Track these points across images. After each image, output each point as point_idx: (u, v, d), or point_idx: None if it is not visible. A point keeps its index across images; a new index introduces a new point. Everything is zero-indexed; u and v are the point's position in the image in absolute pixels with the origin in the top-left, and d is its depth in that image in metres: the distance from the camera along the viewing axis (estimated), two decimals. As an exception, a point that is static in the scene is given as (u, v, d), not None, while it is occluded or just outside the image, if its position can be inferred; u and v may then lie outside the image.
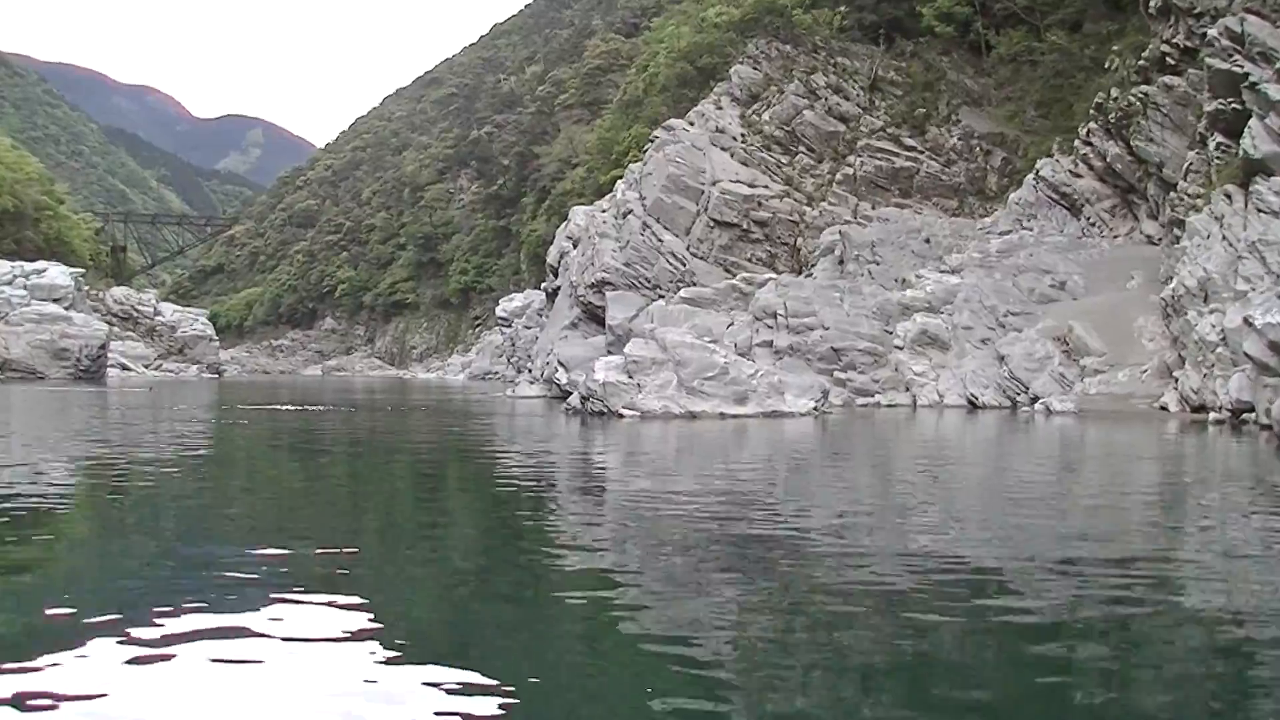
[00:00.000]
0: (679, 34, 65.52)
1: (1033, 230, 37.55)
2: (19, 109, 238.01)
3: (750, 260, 45.08)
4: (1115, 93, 36.49)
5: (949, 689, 4.33)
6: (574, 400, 25.35)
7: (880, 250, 38.77)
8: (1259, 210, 25.73)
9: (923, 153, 49.78)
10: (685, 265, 44.57)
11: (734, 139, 49.44)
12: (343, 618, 5.20)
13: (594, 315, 43.49)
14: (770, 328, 33.39)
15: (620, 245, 45.23)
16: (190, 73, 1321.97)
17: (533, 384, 42.20)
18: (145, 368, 70.02)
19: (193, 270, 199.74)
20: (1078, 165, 38.32)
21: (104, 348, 57.41)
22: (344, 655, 4.60)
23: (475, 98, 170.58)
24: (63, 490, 10.66)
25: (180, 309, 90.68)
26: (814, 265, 41.20)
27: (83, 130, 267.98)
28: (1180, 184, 31.48)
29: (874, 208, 46.48)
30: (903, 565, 6.86)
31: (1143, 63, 35.61)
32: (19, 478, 11.09)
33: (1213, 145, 29.53)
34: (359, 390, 52.94)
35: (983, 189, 48.91)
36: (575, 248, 48.50)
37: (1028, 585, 6.40)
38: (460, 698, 4.09)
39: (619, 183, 51.14)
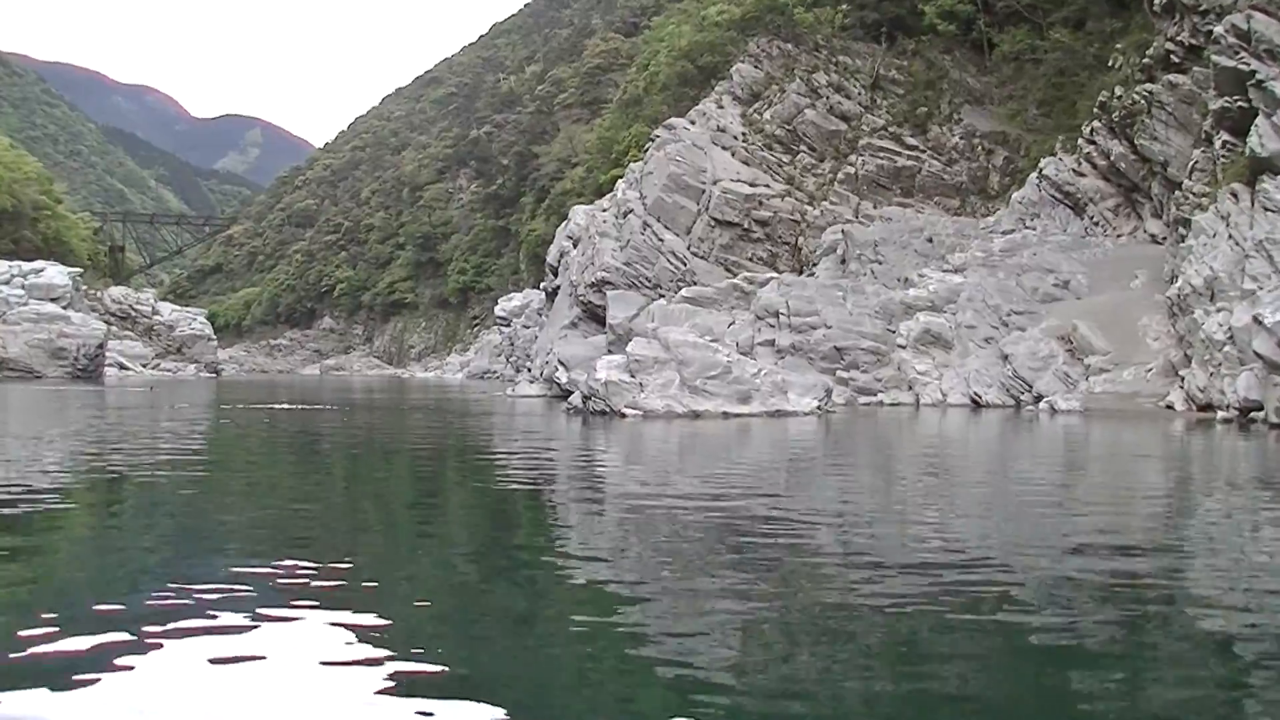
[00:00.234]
0: (680, 33, 65.24)
1: (1036, 229, 37.37)
2: (17, 108, 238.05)
3: (751, 260, 44.90)
4: (1119, 91, 36.30)
5: (952, 691, 4.30)
6: (575, 399, 25.15)
7: (883, 249, 38.59)
8: (1266, 209, 25.53)
9: (924, 152, 49.61)
10: (686, 265, 44.38)
11: (735, 138, 49.26)
12: (339, 619, 5.16)
13: (594, 314, 43.30)
14: (773, 327, 33.17)
15: (621, 244, 45.04)
16: (189, 72, 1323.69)
17: (532, 383, 42.00)
18: (143, 367, 69.85)
19: (191, 270, 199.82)
20: (1081, 164, 38.13)
21: (102, 347, 57.33)
22: (341, 657, 4.55)
23: (474, 97, 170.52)
24: (62, 491, 10.48)
25: (178, 308, 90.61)
26: (816, 264, 41.02)
27: (81, 130, 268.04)
28: (1185, 182, 31.25)
29: (876, 207, 46.33)
30: (906, 566, 6.75)
31: (1147, 61, 35.38)
32: (18, 479, 10.89)
33: (1218, 143, 29.31)
34: (357, 390, 52.77)
35: (985, 188, 48.75)
36: (575, 247, 48.31)
37: (1032, 587, 6.26)
38: (458, 699, 4.05)
39: (619, 182, 50.93)
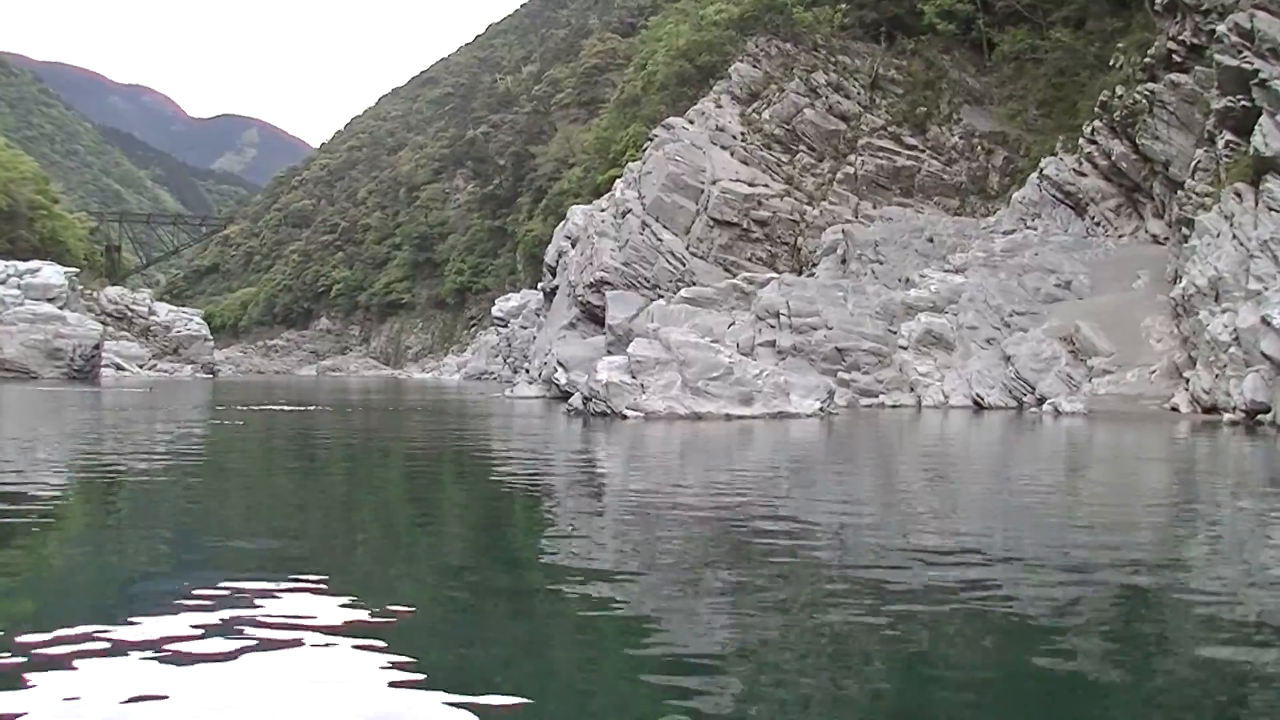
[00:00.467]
0: (678, 32, 65.05)
1: (1037, 229, 37.19)
2: (14, 108, 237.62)
3: (750, 260, 44.72)
4: (1120, 90, 36.12)
5: (954, 694, 4.29)
6: (576, 401, 24.95)
7: (883, 249, 38.41)
8: (1270, 208, 25.38)
9: (924, 152, 49.43)
10: (685, 265, 44.20)
11: (734, 138, 49.06)
12: (336, 620, 5.14)
13: (593, 315, 43.11)
14: (773, 327, 32.98)
15: (619, 245, 44.85)
16: (186, 72, 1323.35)
17: (531, 384, 41.80)
18: (139, 368, 69.60)
19: (187, 270, 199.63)
20: (1082, 164, 37.96)
21: (98, 347, 57.07)
22: (337, 660, 4.53)
23: (471, 97, 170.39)
24: (59, 493, 10.35)
25: (175, 309, 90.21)
26: (816, 264, 40.83)
27: (78, 130, 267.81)
28: (1188, 182, 31.08)
29: (875, 207, 46.15)
30: (908, 571, 6.63)
31: (1148, 60, 35.20)
32: (16, 481, 10.72)
33: (1221, 143, 29.16)
34: (354, 390, 52.58)
35: (984, 188, 48.58)
36: (574, 247, 48.11)
37: (1036, 592, 6.16)
38: (454, 703, 4.00)
39: (618, 182, 50.73)
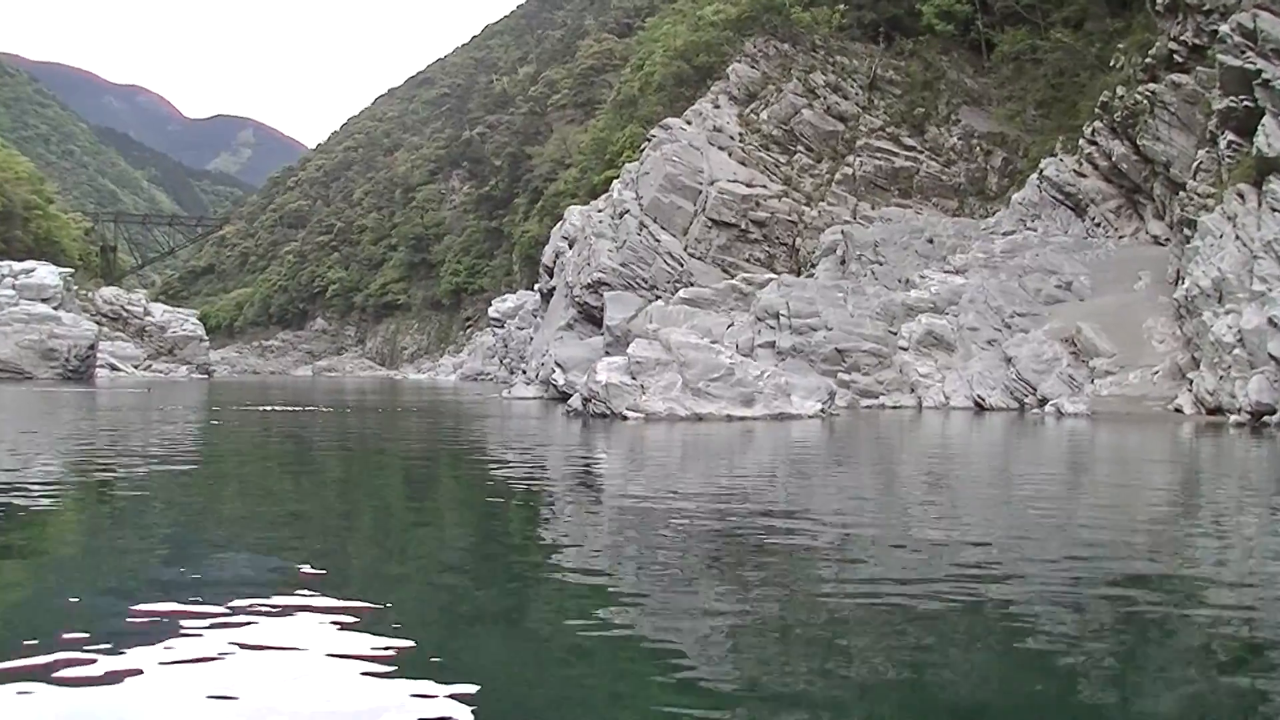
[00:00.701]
0: (675, 33, 64.84)
1: (1037, 230, 37.02)
2: (9, 108, 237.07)
3: (748, 260, 44.58)
4: (1121, 91, 35.97)
5: (953, 698, 4.28)
6: (575, 402, 24.77)
7: (883, 250, 38.24)
8: (1273, 209, 25.23)
9: (922, 152, 49.33)
10: (683, 265, 44.04)
11: (732, 138, 48.91)
12: (332, 621, 5.15)
13: (590, 316, 42.95)
14: (773, 328, 32.81)
15: (617, 245, 44.69)
16: (181, 73, 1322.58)
17: (528, 385, 41.61)
18: (135, 368, 69.32)
19: (183, 270, 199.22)
20: (1082, 165, 37.80)
21: (93, 348, 56.86)
22: (333, 658, 4.54)
23: (467, 98, 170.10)
24: (56, 494, 10.20)
25: (170, 309, 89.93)
26: (815, 265, 40.68)
27: (73, 130, 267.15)
28: (1190, 183, 30.93)
29: (873, 208, 46.03)
30: (909, 574, 6.55)
31: (1149, 60, 35.06)
32: (13, 482, 10.56)
33: (1223, 144, 29.01)
34: (350, 391, 52.39)
35: (983, 189, 48.47)
36: (571, 248, 47.94)
37: (1038, 597, 6.05)
38: (450, 704, 4.02)
39: (615, 182, 50.54)
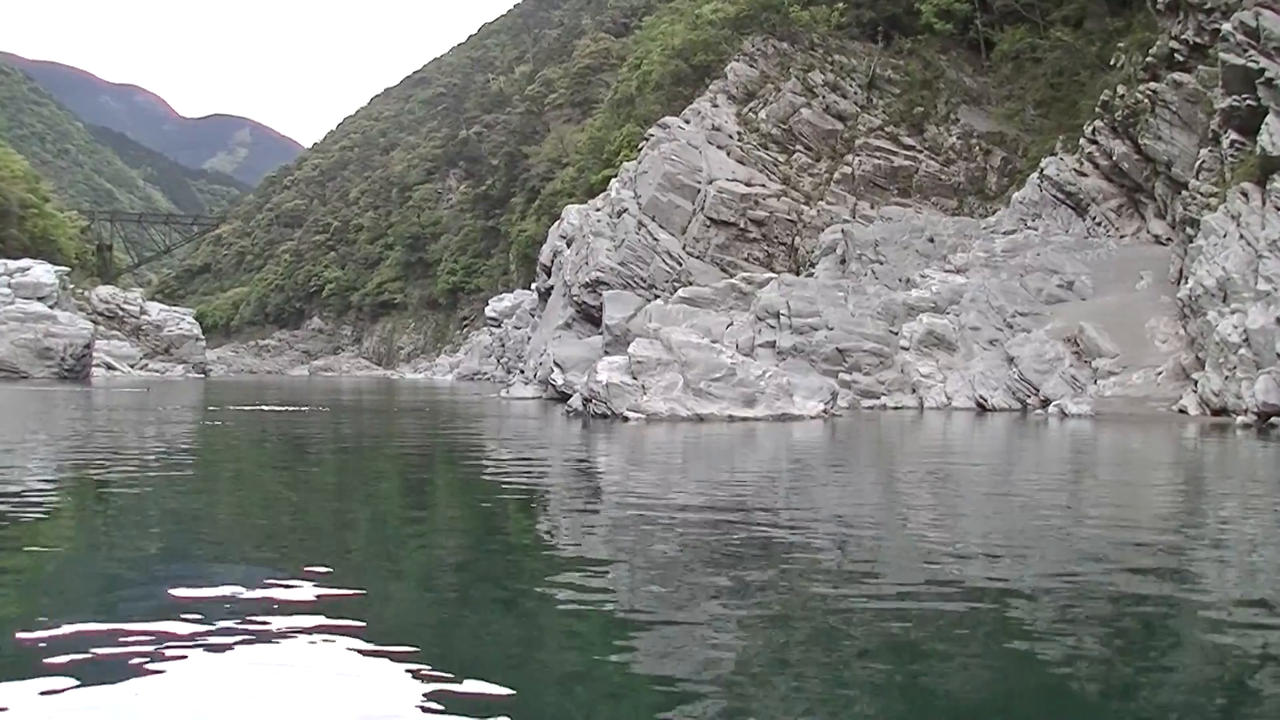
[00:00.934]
0: (673, 31, 64.72)
1: (1038, 230, 36.84)
2: (5, 107, 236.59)
3: (747, 260, 44.41)
4: (1122, 90, 35.79)
5: (951, 701, 4.26)
6: (575, 402, 24.57)
7: (884, 249, 38.05)
8: (1278, 208, 25.07)
9: (921, 152, 49.15)
10: (681, 265, 43.87)
11: (730, 137, 48.74)
12: (327, 623, 5.12)
13: (588, 315, 42.79)
14: (773, 328, 32.61)
15: (615, 244, 44.53)
16: (178, 72, 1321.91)
17: (527, 385, 41.40)
18: (131, 367, 69.12)
19: (179, 270, 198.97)
20: (1083, 164, 37.62)
21: (89, 347, 56.64)
22: (328, 666, 4.51)
23: (464, 97, 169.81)
24: (53, 495, 10.09)
25: (166, 308, 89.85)
26: (815, 264, 40.51)
27: (69, 129, 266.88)
28: (1192, 182, 30.75)
29: (873, 207, 45.87)
30: (910, 579, 6.47)
31: (1150, 59, 34.90)
32: (11, 483, 10.42)
33: (1226, 142, 28.84)
34: (346, 391, 52.21)
35: (982, 189, 48.30)
36: (569, 247, 47.78)
37: (1040, 604, 5.94)
38: (444, 706, 4.00)
39: (613, 181, 50.37)
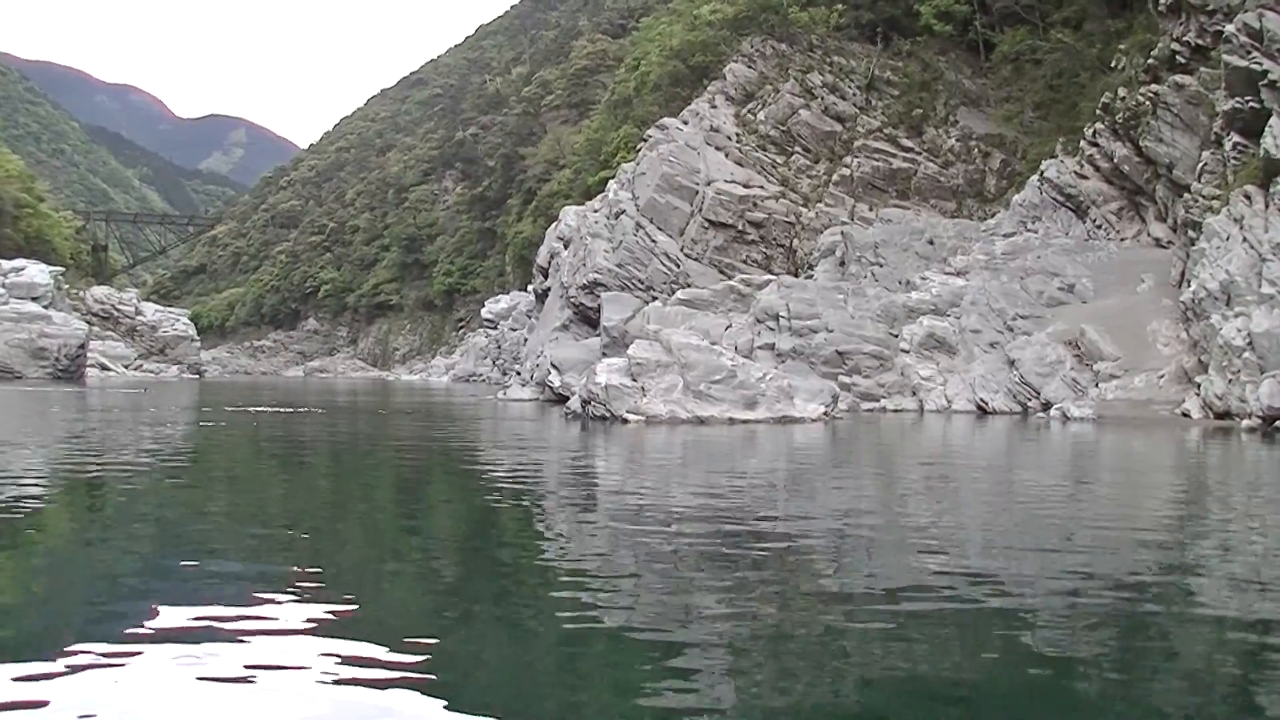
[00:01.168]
0: (671, 32, 64.59)
1: (1038, 232, 36.69)
2: (0, 107, 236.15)
3: (745, 262, 44.27)
4: (1122, 92, 35.66)
5: (950, 705, 4.20)
6: (574, 404, 24.34)
7: (883, 251, 37.88)
8: (1281, 211, 24.94)
9: (920, 154, 49.06)
10: (679, 266, 43.72)
11: (729, 138, 48.63)
12: (322, 627, 5.10)
13: (585, 317, 42.62)
14: (772, 330, 32.43)
15: (613, 246, 44.37)
16: (173, 72, 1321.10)
17: (524, 386, 41.18)
18: (125, 368, 68.80)
19: (174, 270, 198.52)
20: (1083, 166, 37.47)
21: (83, 347, 56.34)
22: (322, 665, 4.46)
23: (460, 99, 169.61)
24: (48, 495, 9.84)
25: (161, 309, 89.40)
26: (813, 266, 40.36)
27: (65, 129, 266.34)
28: (1194, 185, 30.60)
29: (871, 209, 45.76)
30: (910, 583, 6.34)
31: (1151, 61, 34.79)
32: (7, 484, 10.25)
33: (1229, 145, 28.70)
34: (342, 392, 51.98)
35: (981, 191, 48.21)
36: (566, 248, 47.60)
37: (1041, 610, 5.81)
38: (443, 709, 3.98)
39: (611, 183, 50.23)
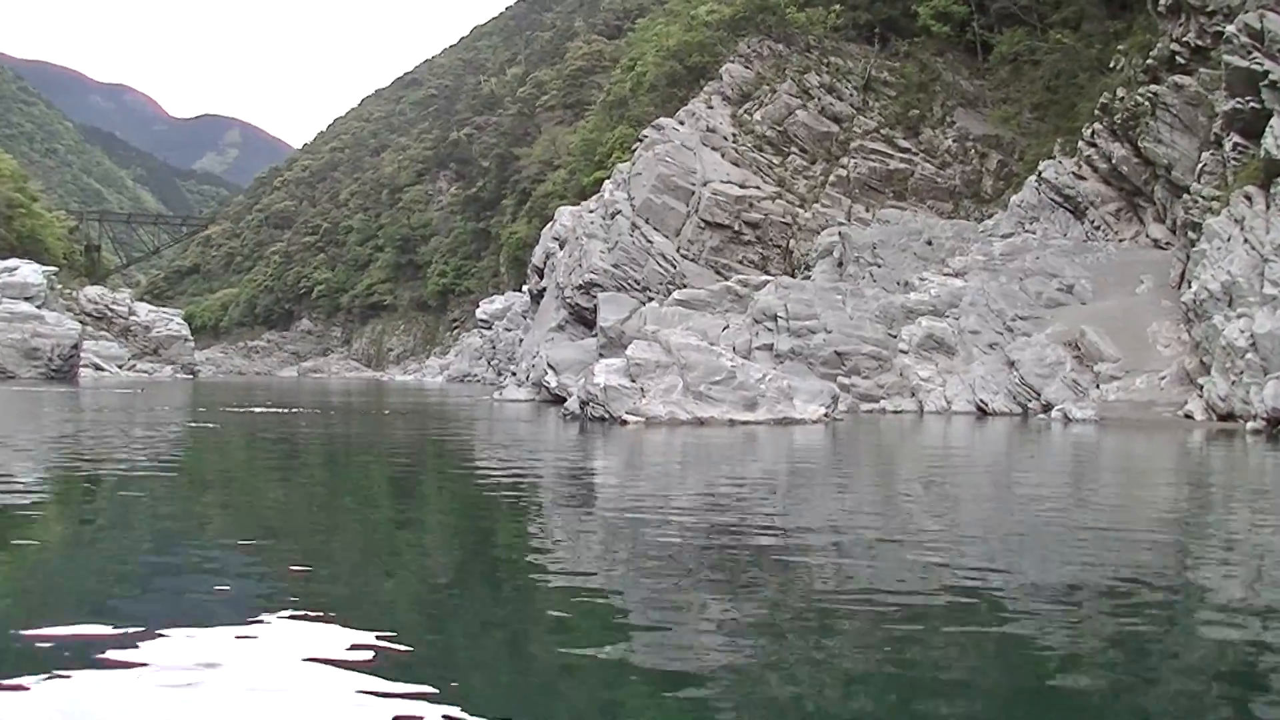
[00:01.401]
0: (668, 33, 64.45)
1: (1036, 233, 36.57)
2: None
3: (742, 262, 44.10)
4: (1121, 93, 35.55)
5: (948, 708, 4.19)
6: (572, 405, 24.13)
7: (881, 252, 37.73)
8: (1283, 212, 24.82)
9: (917, 154, 48.92)
10: (675, 267, 43.55)
11: (725, 139, 48.42)
12: (318, 628, 5.13)
13: (581, 317, 42.45)
14: (770, 331, 32.26)
15: (609, 246, 44.19)
16: (168, 72, 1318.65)
17: (520, 387, 41.00)
18: (119, 368, 68.57)
19: (168, 270, 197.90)
20: (1081, 167, 37.36)
21: (76, 347, 56.15)
22: (317, 667, 4.47)
23: (455, 99, 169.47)
24: (43, 496, 9.83)
25: (155, 309, 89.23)
26: (811, 267, 40.22)
27: (58, 128, 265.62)
28: (1194, 186, 30.49)
29: (868, 209, 45.60)
30: (912, 587, 6.30)
31: (1150, 62, 34.69)
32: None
33: (1229, 146, 28.60)
34: (336, 393, 51.80)
35: (978, 192, 48.08)
36: (562, 249, 47.42)
37: (1043, 615, 5.76)
38: (442, 708, 3.98)
39: (606, 183, 50.06)
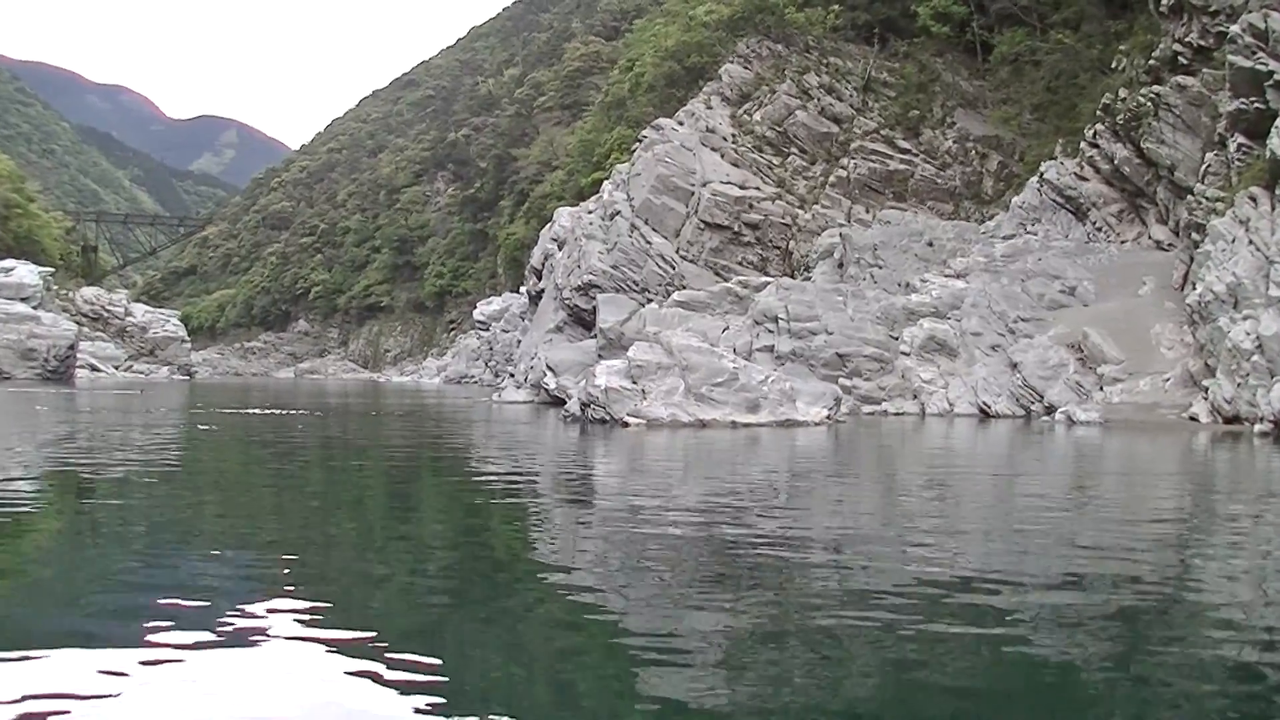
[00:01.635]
0: (666, 33, 64.24)
1: (1037, 234, 36.39)
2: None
3: (741, 263, 43.90)
4: (1123, 93, 35.39)
5: (950, 703, 4.20)
6: (573, 407, 23.89)
7: (882, 253, 37.54)
8: (1288, 213, 24.65)
9: (917, 155, 48.74)
10: (675, 268, 43.34)
11: (724, 139, 48.21)
12: (314, 630, 5.11)
13: (580, 319, 42.25)
14: (771, 332, 32.04)
15: (608, 247, 43.97)
16: (165, 73, 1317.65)
17: (518, 388, 40.79)
18: (115, 369, 68.39)
19: (165, 271, 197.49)
20: (1083, 168, 37.19)
21: (73, 348, 56.04)
22: (316, 669, 4.48)
23: (453, 100, 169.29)
24: (39, 496, 9.86)
25: (152, 310, 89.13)
26: (811, 268, 40.02)
27: (55, 129, 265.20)
28: (1197, 187, 30.33)
29: (868, 210, 45.41)
30: (912, 590, 6.26)
31: (1153, 62, 34.57)
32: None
33: (1233, 146, 28.45)
34: (333, 394, 51.68)
35: (978, 193, 47.90)
36: (560, 250, 47.22)
37: (1044, 618, 5.73)
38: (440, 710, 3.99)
39: (605, 183, 49.83)
